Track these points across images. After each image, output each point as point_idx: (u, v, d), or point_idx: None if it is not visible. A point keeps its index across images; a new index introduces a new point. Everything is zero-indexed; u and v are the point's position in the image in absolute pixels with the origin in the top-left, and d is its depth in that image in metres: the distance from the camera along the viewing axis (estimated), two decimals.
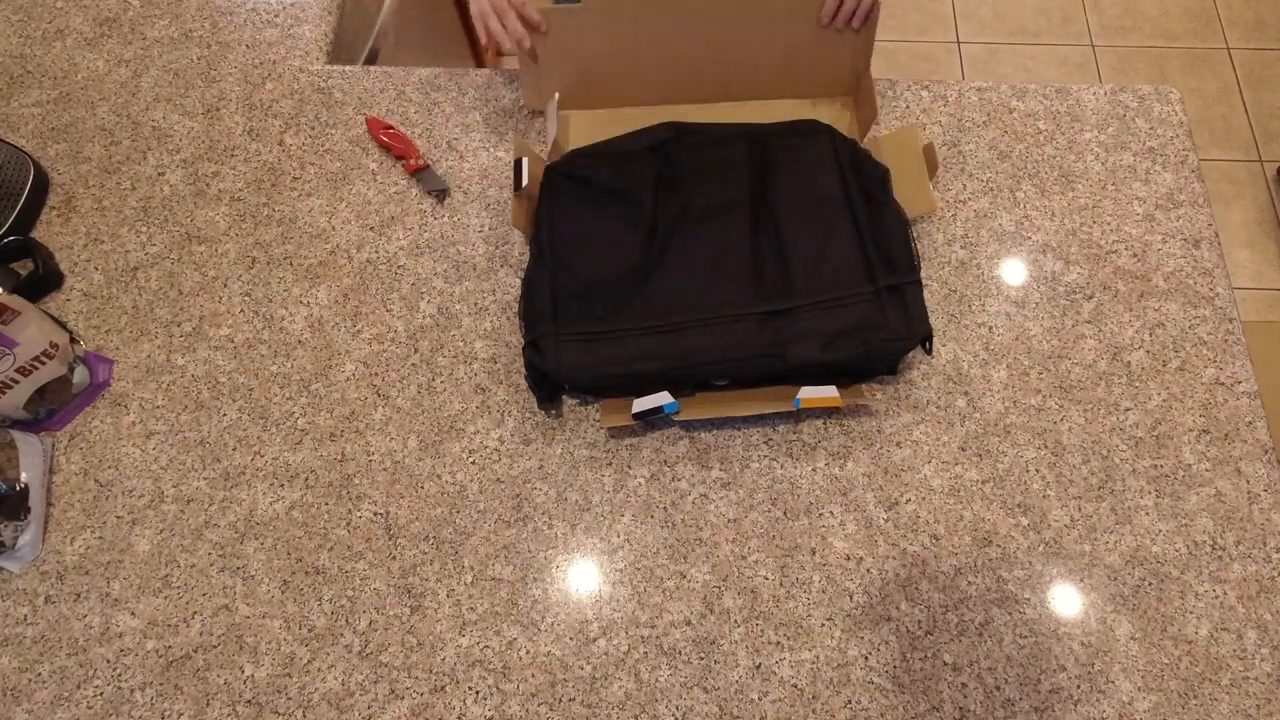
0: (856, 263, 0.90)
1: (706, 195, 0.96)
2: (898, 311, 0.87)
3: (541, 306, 0.90)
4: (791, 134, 0.99)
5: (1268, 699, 0.79)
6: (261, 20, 1.17)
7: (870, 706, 0.79)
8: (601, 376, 0.88)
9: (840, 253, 0.91)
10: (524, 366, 0.89)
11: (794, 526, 0.86)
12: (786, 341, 0.86)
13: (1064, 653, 0.81)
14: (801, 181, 0.96)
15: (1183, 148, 1.06)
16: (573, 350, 0.88)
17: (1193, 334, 0.95)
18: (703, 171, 0.97)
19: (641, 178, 0.96)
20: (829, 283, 0.89)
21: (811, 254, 0.91)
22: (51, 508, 0.88)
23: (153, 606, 0.84)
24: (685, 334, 0.88)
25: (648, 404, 0.86)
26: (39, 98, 1.12)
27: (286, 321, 0.97)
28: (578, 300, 0.90)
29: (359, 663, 0.81)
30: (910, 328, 0.87)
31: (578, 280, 0.91)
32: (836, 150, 0.97)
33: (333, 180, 1.06)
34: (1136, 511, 0.87)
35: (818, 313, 0.88)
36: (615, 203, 0.96)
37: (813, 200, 0.94)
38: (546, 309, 0.90)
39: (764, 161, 0.97)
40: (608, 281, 0.91)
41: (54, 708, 0.80)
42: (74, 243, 1.02)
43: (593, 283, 0.91)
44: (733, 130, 1.01)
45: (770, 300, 0.89)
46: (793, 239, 0.92)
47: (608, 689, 0.80)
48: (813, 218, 0.93)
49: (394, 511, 0.88)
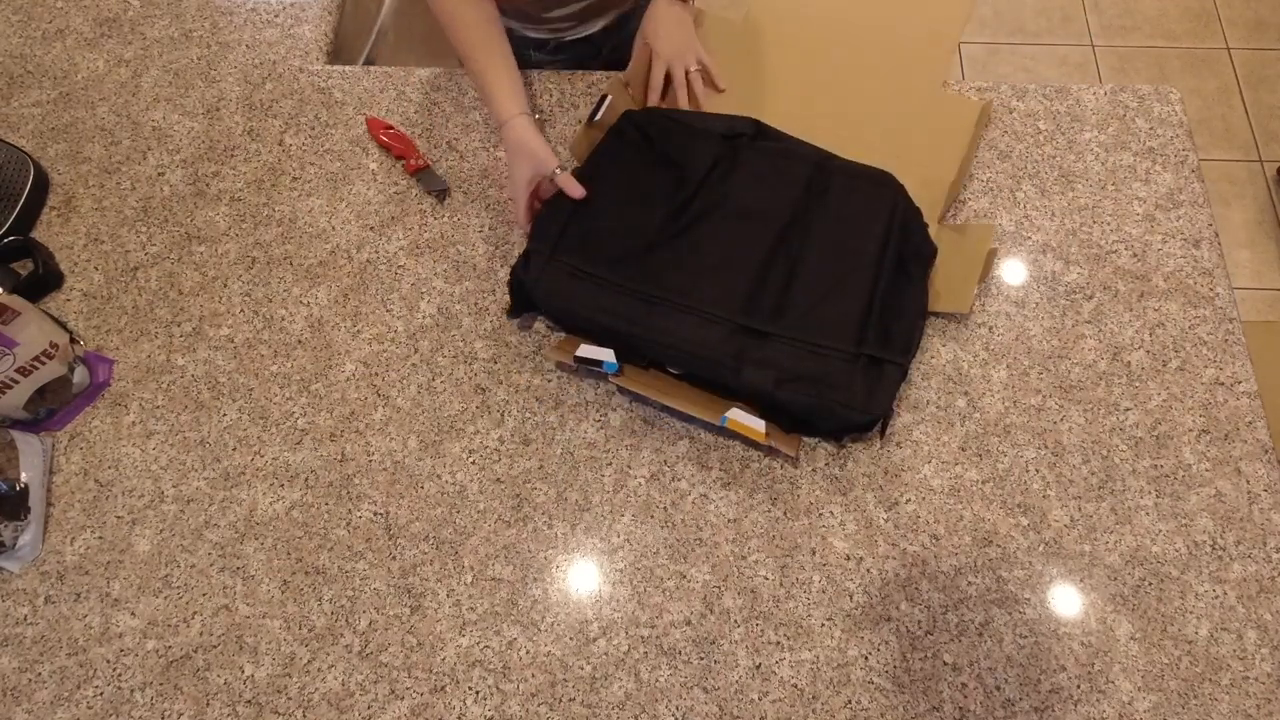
0: (855, 320, 0.87)
1: (751, 197, 0.95)
2: (865, 383, 0.85)
3: (550, 225, 0.92)
4: (860, 177, 0.97)
5: (1268, 699, 0.79)
6: (261, 20, 1.17)
7: (870, 706, 0.79)
8: (569, 312, 0.91)
9: (845, 303, 0.89)
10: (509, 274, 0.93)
11: (794, 526, 0.86)
12: (747, 361, 0.85)
13: (1064, 653, 0.81)
14: (845, 222, 0.94)
15: (1183, 148, 1.05)
16: (557, 277, 0.90)
17: (1193, 334, 0.95)
18: (759, 175, 0.96)
19: (700, 157, 0.97)
20: (817, 326, 0.87)
21: (818, 291, 0.89)
22: (51, 508, 0.88)
23: (153, 606, 0.84)
24: (660, 310, 0.88)
25: (593, 354, 0.89)
26: (39, 98, 1.12)
27: (286, 321, 0.97)
28: (584, 237, 0.91)
29: (359, 663, 0.81)
30: (868, 403, 0.84)
31: (594, 221, 0.92)
32: (893, 211, 0.94)
33: (333, 180, 1.06)
34: (1136, 511, 0.87)
35: (791, 349, 0.86)
36: (664, 168, 0.96)
37: (846, 244, 0.92)
38: (554, 230, 0.92)
39: (820, 189, 0.95)
40: (619, 235, 0.92)
41: (54, 708, 0.80)
42: (74, 243, 1.02)
43: (605, 230, 0.92)
44: (807, 150, 0.99)
45: (752, 316, 0.88)
46: (808, 269, 0.90)
47: (608, 689, 0.80)
48: (837, 259, 0.91)
49: (394, 511, 0.88)
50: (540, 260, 0.90)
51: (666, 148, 0.97)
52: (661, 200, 0.94)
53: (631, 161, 0.97)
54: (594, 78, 1.11)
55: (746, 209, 0.94)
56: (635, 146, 0.98)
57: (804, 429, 0.90)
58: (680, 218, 0.94)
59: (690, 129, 0.99)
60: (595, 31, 1.16)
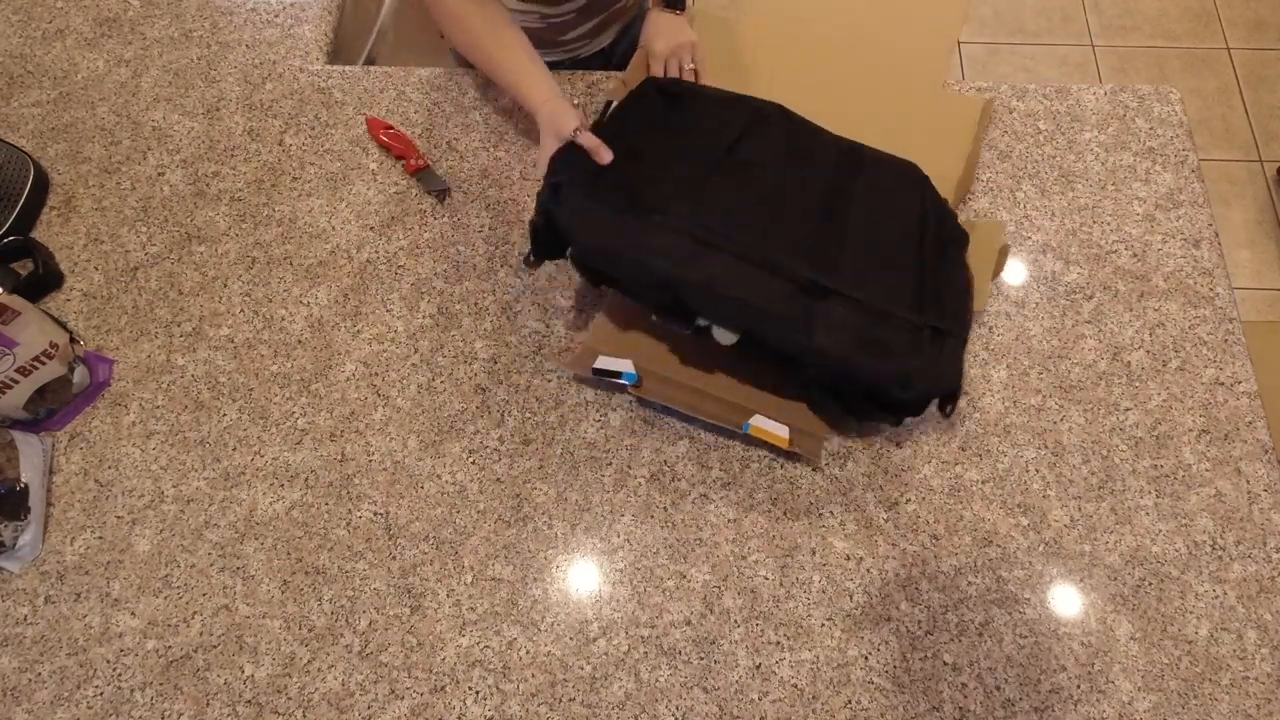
0: (909, 288, 0.83)
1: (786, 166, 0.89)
2: (934, 356, 0.80)
3: (581, 158, 0.80)
4: (889, 164, 0.94)
5: (1268, 699, 0.79)
6: (261, 20, 1.17)
7: (870, 706, 0.79)
8: (610, 251, 0.78)
9: (898, 271, 0.84)
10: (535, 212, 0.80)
11: (794, 526, 0.86)
12: (820, 323, 0.78)
13: (1064, 653, 0.81)
14: (882, 200, 0.90)
15: (1183, 148, 1.05)
16: (597, 209, 0.78)
17: (1193, 334, 0.95)
18: (792, 146, 0.91)
19: (728, 126, 0.91)
20: (879, 291, 0.81)
21: (872, 257, 0.84)
22: (51, 508, 0.88)
23: (153, 606, 0.84)
24: (717, 255, 0.78)
25: (611, 365, 0.80)
26: (39, 98, 1.12)
27: (286, 321, 0.97)
28: (625, 168, 0.80)
29: (359, 663, 0.81)
30: (944, 373, 0.80)
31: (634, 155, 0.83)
32: (924, 196, 0.92)
33: (333, 180, 1.06)
34: (1136, 511, 0.87)
35: (858, 312, 0.79)
36: (695, 130, 0.90)
37: (888, 218, 0.88)
38: (585, 162, 0.80)
39: (852, 172, 0.91)
40: (664, 170, 0.83)
41: (54, 708, 0.80)
42: (74, 243, 1.02)
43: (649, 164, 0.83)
44: (833, 136, 0.95)
45: (818, 268, 0.80)
46: (857, 236, 0.85)
47: (608, 689, 0.80)
48: (882, 229, 0.86)
49: (394, 511, 0.88)
50: (577, 195, 0.78)
51: (693, 110, 0.91)
52: (699, 150, 0.87)
53: (662, 114, 0.90)
54: (594, 77, 1.11)
55: (784, 175, 0.88)
56: (659, 107, 0.92)
57: (860, 408, 0.83)
58: (722, 169, 0.86)
59: (717, 96, 0.94)
60: (605, 45, 1.16)
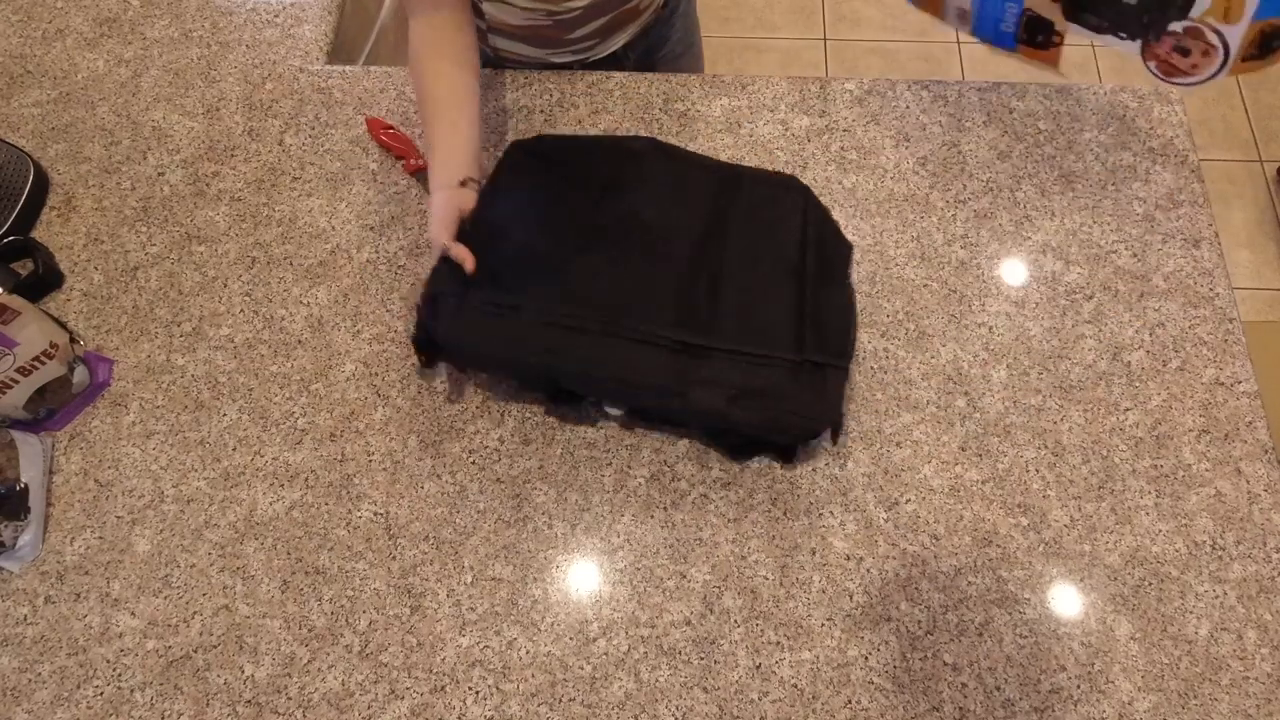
0: (789, 326, 0.86)
1: (657, 209, 0.92)
2: (815, 390, 0.83)
3: (454, 267, 0.84)
4: (767, 183, 0.96)
5: (1268, 699, 0.79)
6: (261, 20, 1.17)
7: (870, 706, 0.79)
8: (487, 355, 0.85)
9: (775, 310, 0.87)
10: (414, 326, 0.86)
11: (794, 526, 0.86)
12: (693, 383, 0.82)
13: (1064, 653, 0.81)
14: (760, 229, 0.92)
15: (1183, 148, 1.06)
16: (471, 318, 0.83)
17: (1193, 334, 0.95)
18: (662, 187, 0.94)
19: (598, 173, 0.94)
20: (755, 336, 0.85)
21: (747, 301, 0.87)
22: (51, 508, 0.88)
23: (153, 606, 0.84)
24: (590, 339, 0.83)
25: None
26: (39, 98, 1.12)
27: (286, 321, 0.97)
28: (493, 268, 0.85)
29: (359, 663, 0.81)
30: (822, 409, 0.83)
31: (501, 250, 0.87)
32: (806, 213, 0.94)
33: (333, 180, 1.06)
34: (1136, 511, 0.87)
35: (733, 363, 0.84)
36: (564, 188, 0.93)
37: (765, 250, 0.91)
38: (457, 273, 0.84)
39: (729, 200, 0.94)
40: (529, 259, 0.87)
41: (54, 708, 0.80)
42: (74, 243, 1.02)
43: (515, 256, 0.87)
44: (709, 162, 0.99)
45: (690, 331, 0.84)
46: (732, 280, 0.88)
47: (608, 689, 0.80)
48: (759, 266, 0.89)
49: (394, 511, 0.88)
50: (450, 304, 0.83)
51: (562, 167, 0.94)
52: (567, 219, 0.90)
53: (528, 187, 0.93)
54: (594, 77, 1.11)
55: (656, 222, 0.91)
56: (529, 171, 0.94)
57: (751, 449, 0.87)
58: (590, 234, 0.90)
59: (584, 145, 0.97)
60: (618, 48, 1.15)
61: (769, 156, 1.05)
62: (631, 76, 1.11)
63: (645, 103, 1.09)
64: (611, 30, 1.11)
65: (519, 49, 1.10)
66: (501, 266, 0.86)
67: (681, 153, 0.99)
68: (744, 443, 0.87)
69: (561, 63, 1.13)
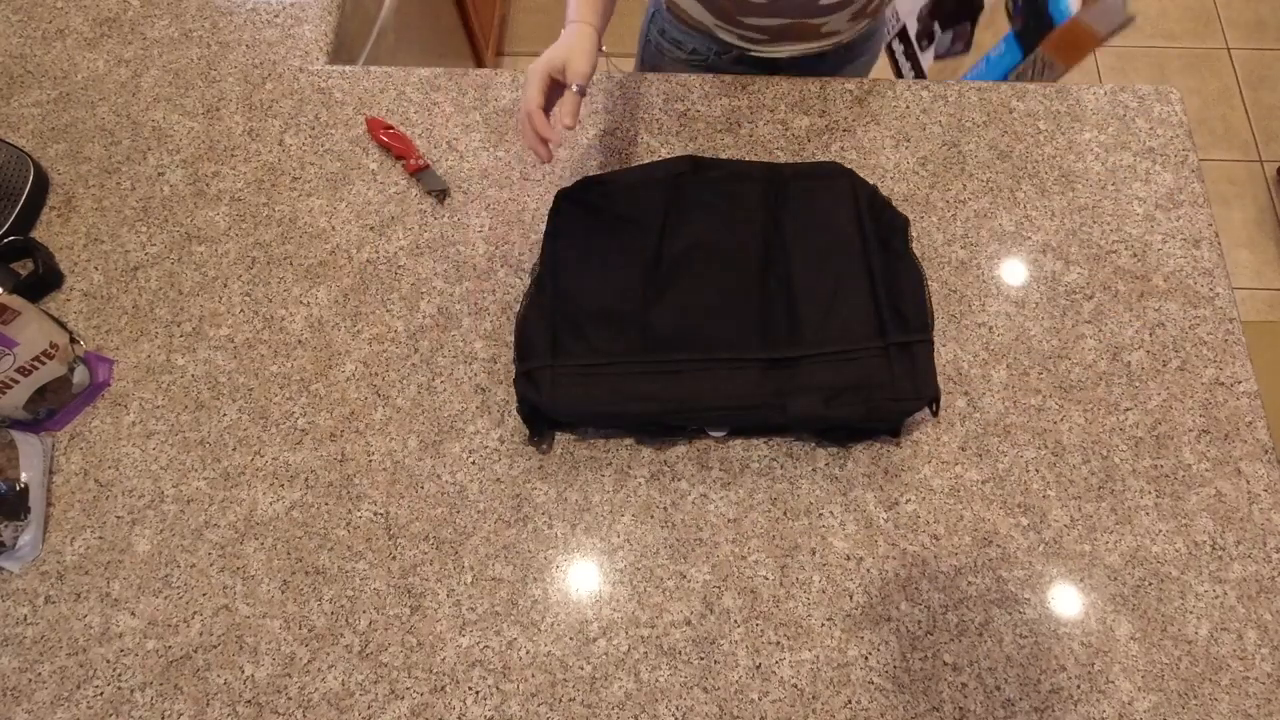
0: (868, 315, 0.88)
1: (717, 231, 0.93)
2: (905, 370, 0.85)
3: (538, 337, 0.88)
4: (811, 176, 0.97)
5: (1268, 699, 0.79)
6: (261, 20, 1.17)
7: (870, 706, 0.79)
8: (595, 414, 0.87)
9: (851, 302, 0.88)
10: (516, 400, 0.88)
11: (794, 526, 0.86)
12: (788, 394, 0.84)
13: (1064, 653, 0.81)
14: (817, 224, 0.93)
15: (1183, 148, 1.06)
16: (568, 383, 0.85)
17: (1193, 334, 0.95)
18: (716, 206, 0.94)
19: (652, 208, 0.94)
20: (837, 334, 0.87)
21: (822, 301, 0.89)
22: (51, 508, 0.88)
23: (153, 606, 0.84)
24: (685, 377, 0.86)
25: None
26: (39, 98, 1.12)
27: (286, 321, 0.97)
28: (576, 330, 0.88)
29: (359, 663, 0.81)
30: (917, 389, 0.84)
31: (578, 309, 0.89)
32: (856, 195, 0.94)
33: (333, 180, 1.06)
34: (1136, 511, 0.87)
35: (823, 365, 0.86)
36: (622, 231, 0.93)
37: (827, 245, 0.92)
38: (544, 340, 0.87)
39: (780, 201, 0.95)
40: (608, 312, 0.89)
41: (54, 708, 0.80)
42: (74, 243, 1.02)
43: (593, 313, 0.89)
44: (752, 167, 0.99)
45: (776, 347, 0.87)
46: (804, 284, 0.90)
47: (608, 689, 0.80)
48: (825, 263, 0.91)
49: (394, 511, 0.88)
50: (546, 375, 0.86)
51: (614, 209, 0.94)
52: (633, 262, 0.91)
53: (585, 236, 0.93)
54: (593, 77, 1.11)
55: (718, 244, 0.92)
56: (582, 220, 0.94)
57: (862, 436, 0.89)
58: (658, 273, 0.91)
59: (629, 184, 0.96)
60: (782, 57, 1.12)
61: (769, 157, 1.05)
62: (631, 76, 1.11)
63: (645, 103, 1.09)
64: (784, 36, 1.09)
65: (693, 9, 1.08)
66: (583, 322, 0.88)
67: (721, 164, 0.99)
68: (852, 434, 0.89)
69: (725, 40, 1.11)
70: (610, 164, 1.05)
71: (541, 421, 0.88)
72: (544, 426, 0.89)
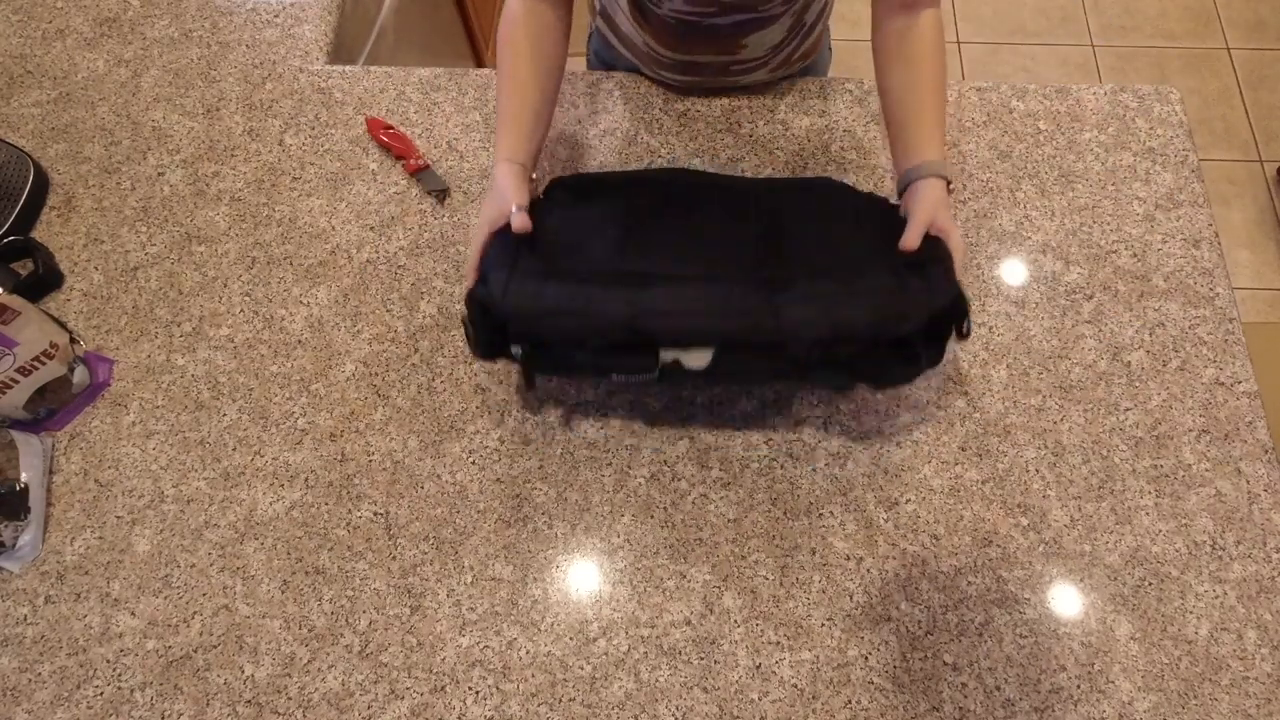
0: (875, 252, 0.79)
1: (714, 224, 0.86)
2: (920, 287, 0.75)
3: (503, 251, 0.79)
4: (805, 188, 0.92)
5: (1268, 699, 0.79)
6: (261, 20, 1.18)
7: (870, 706, 0.79)
8: (551, 319, 0.76)
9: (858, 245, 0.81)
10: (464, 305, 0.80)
11: (794, 526, 0.86)
12: (784, 306, 0.73)
13: (1064, 653, 0.81)
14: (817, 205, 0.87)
15: (1183, 148, 1.06)
16: (525, 280, 0.75)
17: (1193, 334, 0.95)
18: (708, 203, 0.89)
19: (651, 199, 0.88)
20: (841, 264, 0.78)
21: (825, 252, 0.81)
22: (51, 508, 0.88)
23: (153, 606, 0.84)
24: (663, 285, 0.75)
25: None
26: (39, 98, 1.12)
27: (286, 321, 0.97)
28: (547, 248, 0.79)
29: (359, 663, 0.81)
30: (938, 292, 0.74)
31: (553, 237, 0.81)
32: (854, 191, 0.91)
33: (333, 180, 1.06)
34: (1136, 511, 0.87)
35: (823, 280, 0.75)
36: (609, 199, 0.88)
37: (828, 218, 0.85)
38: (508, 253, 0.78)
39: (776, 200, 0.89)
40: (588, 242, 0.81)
41: (54, 708, 0.80)
42: (74, 243, 1.02)
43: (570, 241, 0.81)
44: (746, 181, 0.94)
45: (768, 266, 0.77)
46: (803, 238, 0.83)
47: (608, 689, 0.80)
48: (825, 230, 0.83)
49: (394, 511, 0.88)
50: (502, 277, 0.76)
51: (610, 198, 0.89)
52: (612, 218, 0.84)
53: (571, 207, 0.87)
54: (594, 77, 1.11)
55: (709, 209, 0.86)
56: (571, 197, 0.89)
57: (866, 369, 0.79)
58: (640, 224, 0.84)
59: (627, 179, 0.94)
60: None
61: (769, 156, 1.05)
62: (631, 77, 1.11)
63: (645, 103, 1.09)
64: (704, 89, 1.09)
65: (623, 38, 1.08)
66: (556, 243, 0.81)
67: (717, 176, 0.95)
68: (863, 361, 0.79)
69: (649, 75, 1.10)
70: (609, 163, 1.05)
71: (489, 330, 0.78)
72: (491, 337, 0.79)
